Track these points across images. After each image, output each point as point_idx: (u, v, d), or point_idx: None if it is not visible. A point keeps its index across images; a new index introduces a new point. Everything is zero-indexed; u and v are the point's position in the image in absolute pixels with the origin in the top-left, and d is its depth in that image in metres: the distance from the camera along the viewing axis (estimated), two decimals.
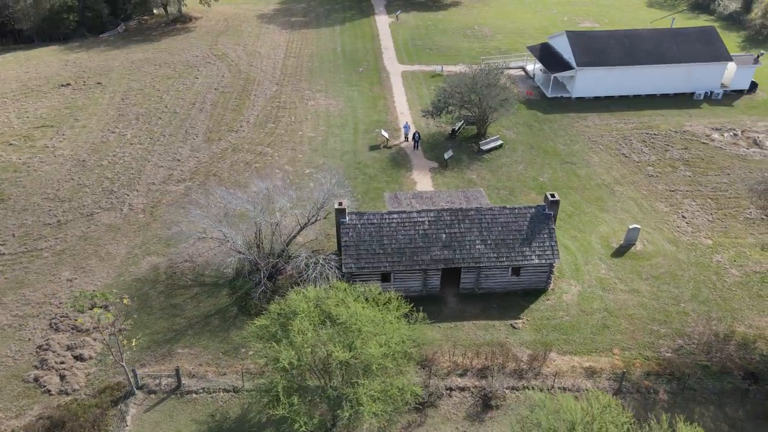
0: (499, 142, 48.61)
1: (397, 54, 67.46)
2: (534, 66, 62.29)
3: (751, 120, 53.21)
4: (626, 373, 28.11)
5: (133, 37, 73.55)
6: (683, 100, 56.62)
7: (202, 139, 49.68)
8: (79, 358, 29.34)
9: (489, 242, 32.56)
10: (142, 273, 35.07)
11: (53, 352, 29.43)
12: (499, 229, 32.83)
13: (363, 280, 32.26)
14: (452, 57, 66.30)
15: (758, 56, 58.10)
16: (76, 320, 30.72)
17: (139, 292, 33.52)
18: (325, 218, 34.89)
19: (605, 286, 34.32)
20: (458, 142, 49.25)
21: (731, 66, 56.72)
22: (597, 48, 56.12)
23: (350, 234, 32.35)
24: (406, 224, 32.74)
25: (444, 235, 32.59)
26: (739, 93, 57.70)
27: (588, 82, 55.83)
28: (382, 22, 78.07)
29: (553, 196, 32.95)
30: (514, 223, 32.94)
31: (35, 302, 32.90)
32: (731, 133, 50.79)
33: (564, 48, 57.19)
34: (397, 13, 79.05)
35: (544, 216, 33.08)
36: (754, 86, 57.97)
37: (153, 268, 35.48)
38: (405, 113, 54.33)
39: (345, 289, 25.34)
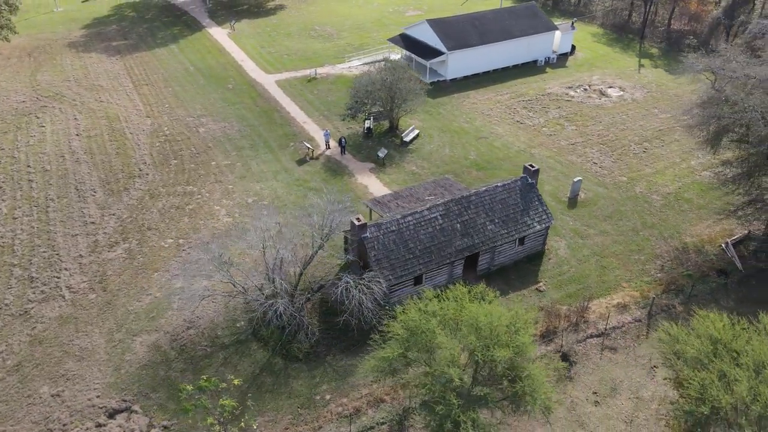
0: (417, 131, 50.70)
1: (258, 64, 64.71)
2: (400, 56, 65.32)
3: (587, 75, 63.60)
4: (655, 298, 32.95)
5: None
6: (530, 68, 65.05)
7: (103, 192, 42.41)
8: None
9: (497, 221, 34.67)
10: (144, 358, 29.55)
11: None
12: (500, 206, 35.11)
13: (398, 288, 32.09)
14: (314, 59, 65.97)
15: (573, 23, 69.29)
16: (206, 421, 24.87)
17: (157, 379, 28.34)
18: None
19: (581, 234, 39.06)
20: (378, 139, 50.04)
21: (557, 34, 66.68)
22: (457, 32, 61.20)
23: (377, 247, 31.59)
24: (422, 223, 33.08)
25: (459, 225, 33.75)
26: (565, 56, 68.27)
27: (458, 64, 60.71)
28: (218, 34, 73.64)
29: (532, 166, 36.24)
30: (510, 198, 35.52)
31: None
32: (582, 89, 60.27)
33: (428, 36, 61.12)
34: (232, 23, 75.24)
35: (530, 185, 36.26)
36: (573, 49, 69.10)
37: (153, 348, 30.11)
38: (307, 122, 53.05)
39: (438, 296, 25.31)
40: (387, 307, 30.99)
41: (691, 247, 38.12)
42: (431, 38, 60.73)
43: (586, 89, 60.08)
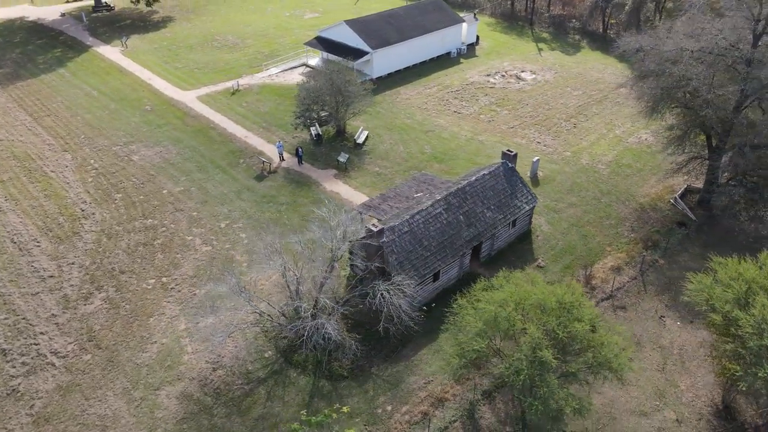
0: (366, 132, 50.56)
1: (170, 81, 60.27)
2: (317, 60, 64.39)
3: (498, 62, 67.34)
4: (645, 256, 36.18)
5: None
6: (445, 60, 67.47)
7: (48, 241, 37.31)
8: None
9: (492, 207, 35.88)
10: (179, 411, 26.74)
11: None
12: (492, 193, 36.37)
13: (420, 288, 32.11)
14: (228, 71, 62.88)
15: (475, 15, 72.89)
16: None
17: (202, 431, 25.81)
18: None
19: (554, 209, 41.63)
20: (329, 144, 49.19)
21: (464, 26, 69.76)
22: (376, 31, 61.74)
23: (396, 250, 31.31)
24: (430, 220, 33.33)
25: (462, 216, 34.46)
26: (472, 46, 71.68)
27: (382, 62, 61.28)
28: (110, 53, 67.28)
29: (510, 151, 37.98)
30: (498, 184, 36.91)
31: None
32: (499, 75, 63.78)
33: (348, 36, 60.96)
34: (124, 41, 69.08)
35: (511, 170, 37.95)
36: (477, 39, 72.76)
37: (184, 398, 27.34)
38: (249, 136, 50.61)
39: (487, 286, 25.99)
40: (425, 308, 31.12)
41: (646, 206, 42.30)
42: (352, 39, 60.66)
43: (503, 75, 63.68)
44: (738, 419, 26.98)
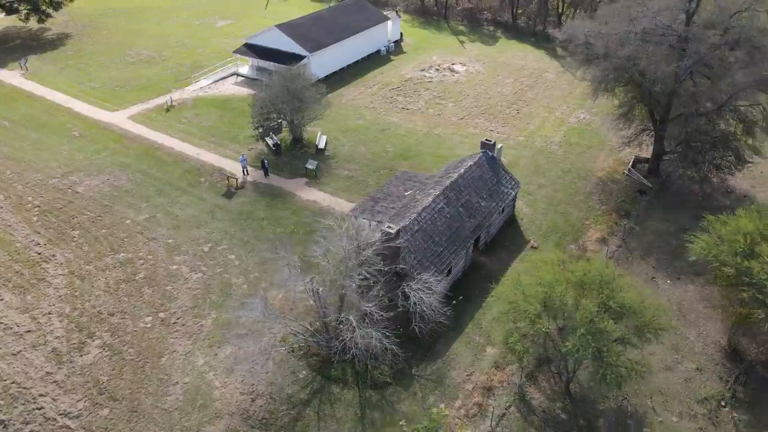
0: (325, 137, 49.63)
1: (91, 103, 55.20)
2: (248, 67, 62.09)
3: (427, 57, 68.71)
4: (626, 225, 38.85)
5: None
6: (377, 59, 67.76)
7: (12, 293, 32.97)
8: None
9: (485, 196, 36.78)
10: None
11: None
12: (481, 182, 37.26)
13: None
14: (154, 87, 58.79)
15: (397, 12, 73.80)
16: None
17: None
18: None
19: (528, 192, 43.43)
20: (291, 153, 47.75)
21: (389, 23, 70.42)
22: (309, 34, 60.67)
23: (412, 249, 31.19)
24: (435, 216, 33.54)
25: (461, 209, 35.02)
26: (398, 43, 72.59)
27: (319, 64, 60.20)
28: (10, 78, 60.21)
29: (489, 141, 39.12)
30: (485, 174, 37.88)
31: None
32: (434, 70, 65.18)
33: (282, 41, 59.37)
34: (23, 63, 62.11)
35: (492, 158, 39.12)
36: (401, 35, 73.80)
37: None
38: (201, 152, 47.77)
39: (523, 270, 26.84)
40: (454, 301, 31.31)
41: (605, 179, 45.40)
42: (286, 43, 59.17)
43: (437, 69, 65.15)
44: (746, 359, 29.96)
